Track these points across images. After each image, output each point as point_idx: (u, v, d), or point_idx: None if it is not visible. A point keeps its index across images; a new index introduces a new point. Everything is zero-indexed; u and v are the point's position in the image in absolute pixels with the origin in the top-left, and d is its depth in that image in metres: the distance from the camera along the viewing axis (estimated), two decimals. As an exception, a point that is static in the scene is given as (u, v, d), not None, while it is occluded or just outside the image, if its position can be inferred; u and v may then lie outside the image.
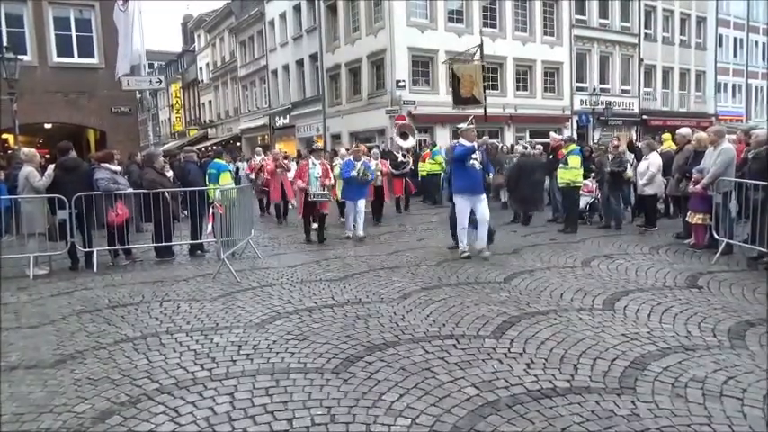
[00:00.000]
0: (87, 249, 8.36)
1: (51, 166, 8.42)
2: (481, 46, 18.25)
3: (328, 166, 10.42)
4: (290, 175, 12.27)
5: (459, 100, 16.76)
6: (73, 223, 8.07)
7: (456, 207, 8.08)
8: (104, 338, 4.98)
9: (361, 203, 10.43)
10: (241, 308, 5.85)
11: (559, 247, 8.95)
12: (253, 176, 14.17)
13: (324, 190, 9.93)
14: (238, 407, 3.56)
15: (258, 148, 16.24)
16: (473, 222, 8.16)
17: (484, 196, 8.03)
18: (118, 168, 9.17)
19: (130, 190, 8.78)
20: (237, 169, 15.44)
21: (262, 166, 13.52)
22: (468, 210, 7.96)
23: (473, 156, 7.91)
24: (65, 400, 3.73)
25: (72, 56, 16.35)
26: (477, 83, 15.57)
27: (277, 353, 4.49)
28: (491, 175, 8.87)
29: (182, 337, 4.96)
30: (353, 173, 10.22)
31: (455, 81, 16.55)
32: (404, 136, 12.24)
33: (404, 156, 12.72)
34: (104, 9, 16.10)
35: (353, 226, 10.42)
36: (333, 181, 10.36)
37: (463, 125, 8.32)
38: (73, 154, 8.51)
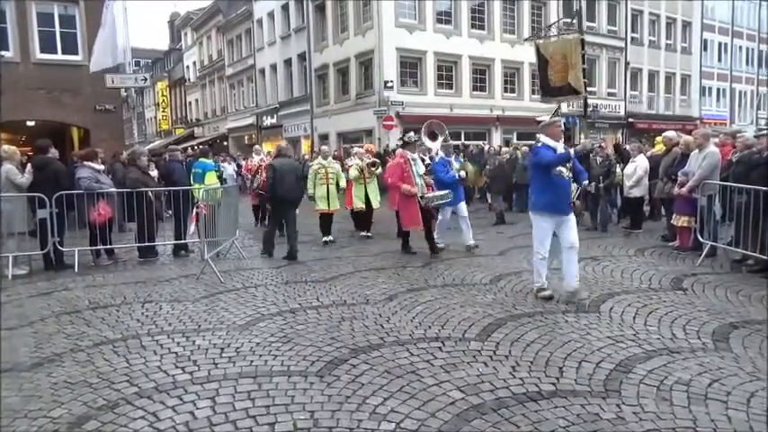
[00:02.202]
0: (67, 249, 8.22)
1: (29, 165, 8.27)
2: (579, 13, 14.60)
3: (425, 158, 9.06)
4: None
5: (549, 91, 12.22)
6: (54, 222, 7.93)
7: (534, 228, 6.00)
8: (83, 341, 4.88)
9: (463, 207, 9.03)
10: (224, 309, 5.77)
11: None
12: (250, 177, 12.23)
13: (422, 189, 8.44)
14: (219, 411, 3.49)
15: (257, 147, 15.10)
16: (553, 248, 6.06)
17: (573, 216, 5.93)
18: (101, 167, 9.03)
19: (113, 189, 8.65)
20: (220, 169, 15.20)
21: (260, 166, 11.40)
22: (551, 232, 5.88)
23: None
24: (41, 404, 3.64)
25: (55, 52, 16.08)
26: (573, 64, 10.91)
27: (260, 355, 4.42)
28: (583, 186, 6.42)
29: (163, 339, 4.88)
30: (457, 172, 8.93)
31: (542, 65, 12.02)
32: (432, 136, 9.70)
33: (431, 159, 10.54)
34: (89, 5, 15.86)
35: (463, 236, 8.93)
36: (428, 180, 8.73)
37: (544, 118, 6.53)
38: (52, 152, 8.36)
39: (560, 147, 5.72)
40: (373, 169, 10.54)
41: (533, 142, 13.91)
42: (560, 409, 3.46)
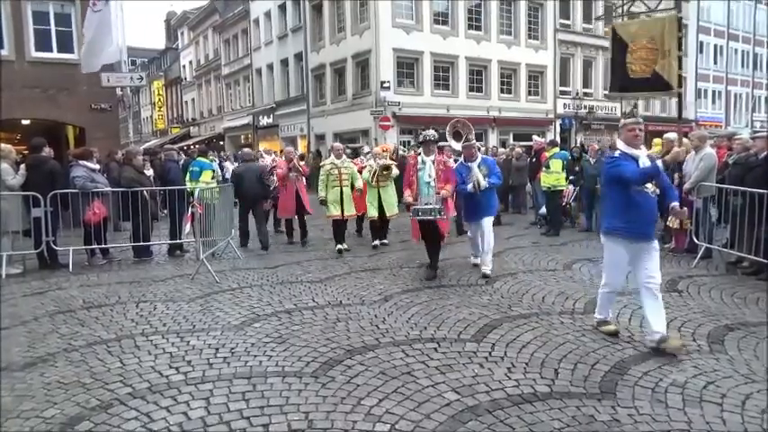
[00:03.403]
0: (61, 248, 8.18)
1: (23, 165, 8.24)
2: None
3: (447, 163, 7.29)
4: None
5: (625, 83, 9.70)
6: (48, 221, 7.89)
7: (606, 254, 4.78)
8: (77, 340, 4.85)
9: (488, 223, 7.26)
10: (219, 309, 5.74)
11: (541, 250, 8.96)
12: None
13: (436, 202, 6.86)
14: (213, 412, 3.47)
15: (266, 146, 13.95)
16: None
17: (656, 244, 4.58)
18: (96, 166, 9.00)
19: (108, 188, 8.61)
20: (222, 168, 15.11)
21: (272, 168, 10.48)
22: (626, 261, 4.61)
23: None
24: (33, 404, 3.61)
25: (51, 50, 16.02)
26: (666, 51, 8.49)
27: (255, 356, 4.40)
28: (674, 206, 4.63)
29: (157, 339, 4.85)
30: (470, 185, 7.18)
31: (618, 51, 9.44)
32: (457, 136, 8.69)
33: (455, 162, 9.08)
34: (85, 4, 15.81)
35: (475, 255, 7.65)
36: (454, 187, 7.19)
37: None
38: (46, 151, 8.32)
39: (643, 156, 4.50)
40: (386, 173, 9.23)
41: (530, 143, 14.02)
42: (555, 410, 3.46)
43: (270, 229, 10.72)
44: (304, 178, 10.14)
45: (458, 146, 8.67)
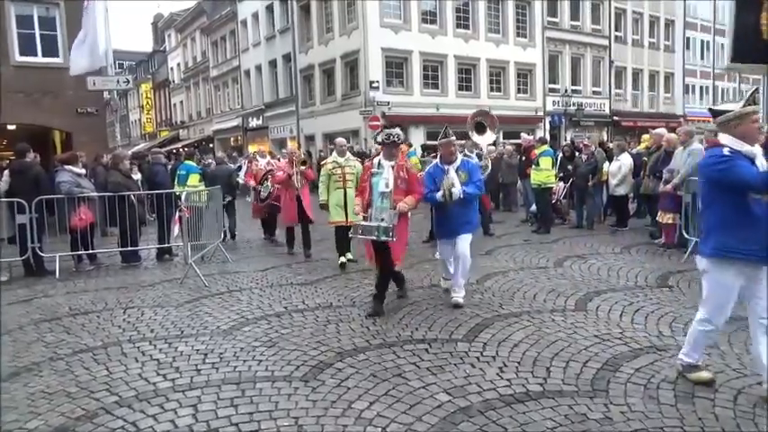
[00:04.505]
0: (47, 255, 8.07)
1: (6, 171, 8.14)
2: None
3: (411, 169, 5.75)
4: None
5: (756, 50, 7.64)
6: (34, 228, 7.79)
7: (710, 283, 3.71)
8: (63, 349, 4.77)
9: (463, 243, 5.68)
10: (208, 314, 5.67)
11: (532, 247, 8.95)
12: (255, 186, 10.44)
13: (389, 218, 5.32)
14: (201, 419, 3.42)
15: (261, 148, 12.54)
16: None
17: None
18: (82, 171, 8.89)
19: (94, 193, 8.51)
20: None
21: (268, 172, 9.83)
22: (737, 291, 3.59)
23: None
24: (16, 416, 3.54)
25: (36, 55, 15.86)
26: None
27: (244, 361, 4.35)
28: None
29: (145, 346, 4.78)
30: (440, 193, 5.61)
31: (744, 6, 7.76)
32: (480, 128, 7.40)
33: (478, 157, 8.16)
34: (69, 7, 15.65)
35: (446, 278, 6.17)
36: (418, 199, 5.61)
37: (728, 106, 3.69)
38: (31, 156, 8.21)
39: (759, 155, 3.48)
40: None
41: (518, 141, 13.94)
42: (548, 410, 3.43)
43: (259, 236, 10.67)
44: (308, 180, 9.05)
45: (481, 139, 7.57)
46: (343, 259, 7.82)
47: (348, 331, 4.98)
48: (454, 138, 5.91)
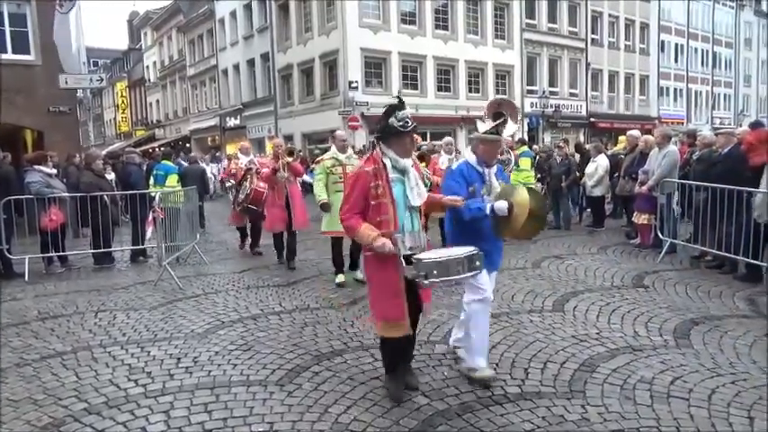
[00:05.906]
0: (16, 257, 7.85)
1: None
2: None
3: (425, 173, 4.86)
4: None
5: None
6: (2, 229, 7.57)
7: None
8: (30, 354, 4.63)
9: (484, 281, 3.93)
10: (182, 317, 5.56)
11: (510, 248, 8.94)
12: (234, 185, 9.53)
13: (422, 241, 3.62)
14: (174, 426, 3.33)
15: (244, 144, 10.79)
16: None
17: None
18: (53, 171, 8.66)
19: (65, 193, 8.30)
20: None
21: (248, 171, 8.74)
22: None
23: None
24: (-21, 425, 3.41)
25: (5, 51, 15.46)
26: None
27: (219, 365, 4.26)
28: None
29: (116, 350, 4.66)
30: (488, 205, 3.77)
31: None
32: (498, 117, 4.04)
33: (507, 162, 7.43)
34: (41, 4, 15.29)
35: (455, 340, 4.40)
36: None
37: None
38: (0, 156, 7.99)
39: None
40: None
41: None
42: (526, 411, 3.42)
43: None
44: (298, 180, 8.14)
45: (506, 131, 6.03)
46: (341, 278, 6.68)
47: (325, 334, 4.92)
48: (500, 137, 4.12)
